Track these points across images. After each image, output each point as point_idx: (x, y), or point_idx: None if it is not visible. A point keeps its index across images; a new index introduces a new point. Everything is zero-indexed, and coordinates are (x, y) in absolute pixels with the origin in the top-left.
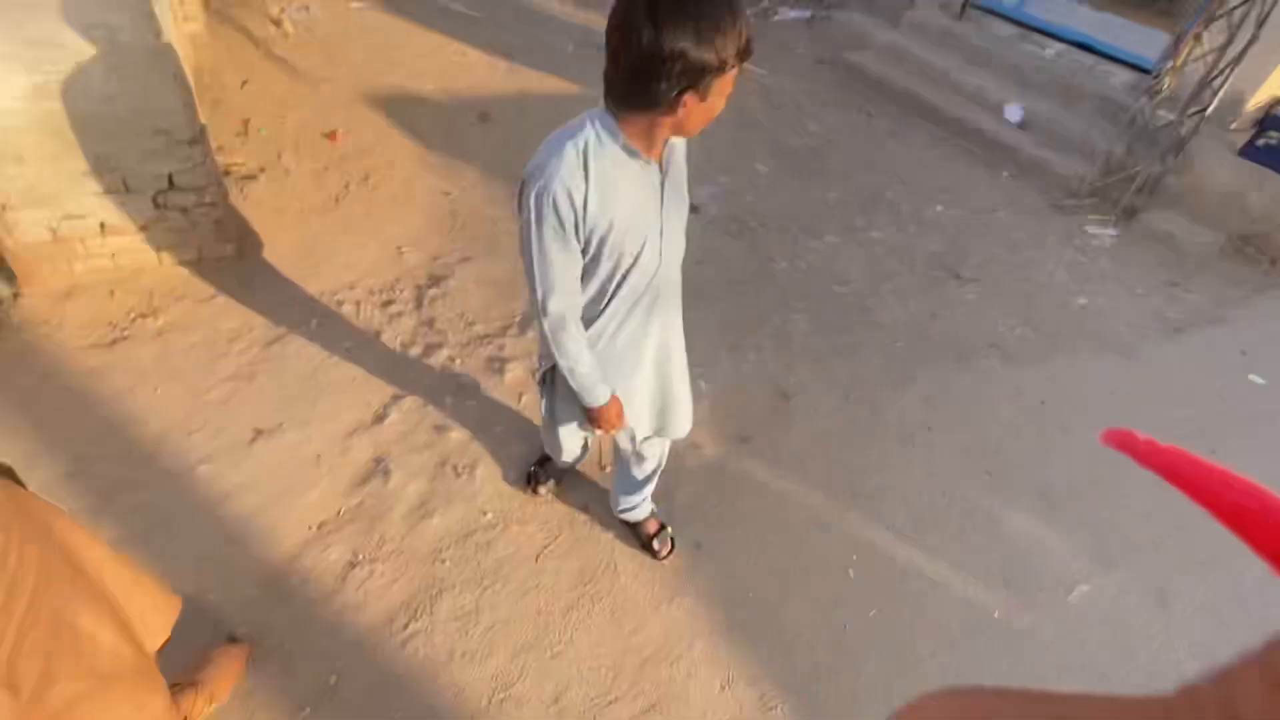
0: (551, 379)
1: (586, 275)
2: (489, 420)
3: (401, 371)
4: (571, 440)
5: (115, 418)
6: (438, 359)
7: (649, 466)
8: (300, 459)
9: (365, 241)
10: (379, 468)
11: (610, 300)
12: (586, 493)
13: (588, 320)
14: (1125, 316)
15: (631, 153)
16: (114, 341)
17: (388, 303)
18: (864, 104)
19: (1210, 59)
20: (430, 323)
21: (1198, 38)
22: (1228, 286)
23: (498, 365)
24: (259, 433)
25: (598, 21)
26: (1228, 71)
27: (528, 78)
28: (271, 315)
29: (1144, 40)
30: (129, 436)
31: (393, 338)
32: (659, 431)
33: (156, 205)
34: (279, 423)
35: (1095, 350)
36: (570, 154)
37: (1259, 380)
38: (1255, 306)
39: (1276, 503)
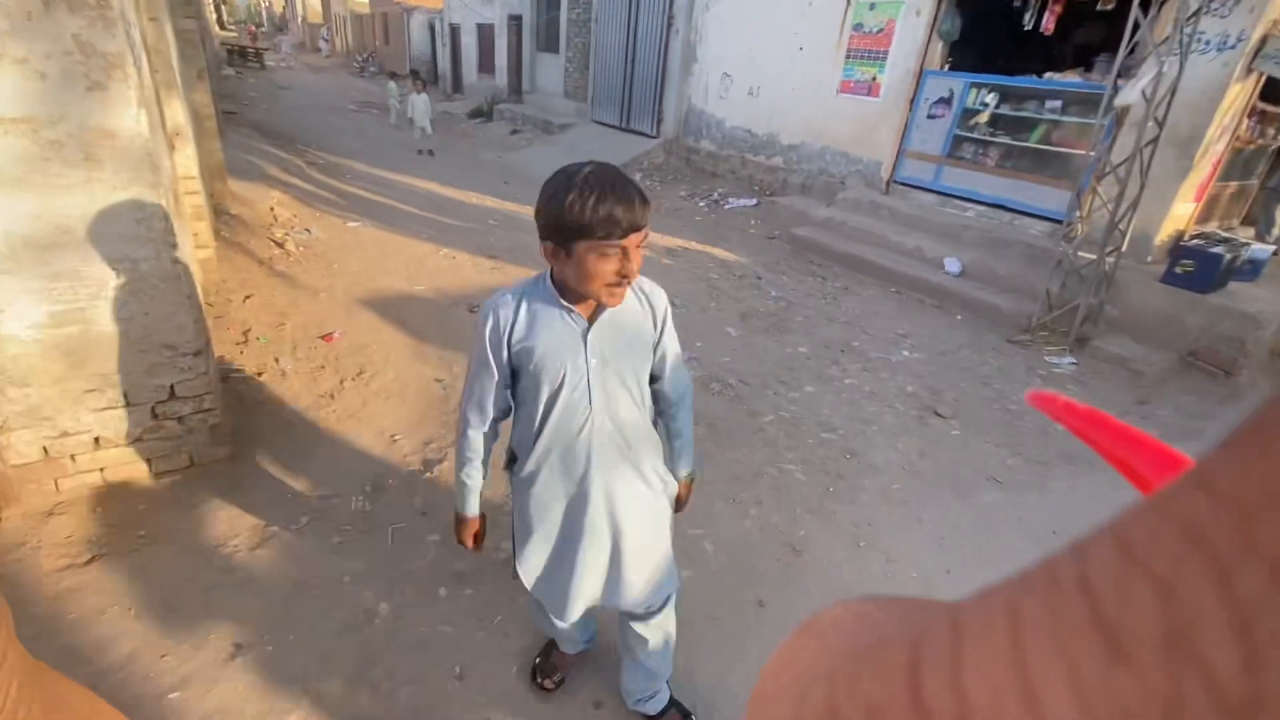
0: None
1: (520, 399)
2: (488, 609)
3: (394, 564)
4: (567, 627)
5: (82, 645)
6: (431, 547)
7: (654, 648)
8: (284, 675)
9: (359, 433)
10: (371, 673)
11: (540, 433)
12: (604, 682)
13: (520, 450)
14: None
15: (554, 299)
16: (91, 559)
17: (379, 493)
18: (815, 269)
19: (1111, 206)
20: (423, 510)
21: (1095, 191)
22: (1194, 400)
23: (493, 550)
24: (239, 648)
25: None
26: (1129, 215)
27: (512, 273)
28: (260, 516)
29: (1051, 197)
30: (95, 667)
31: (385, 529)
32: (606, 603)
33: (155, 416)
34: (262, 635)
35: (1087, 472)
36: (513, 290)
37: None
38: (1223, 416)
39: (1169, 453)
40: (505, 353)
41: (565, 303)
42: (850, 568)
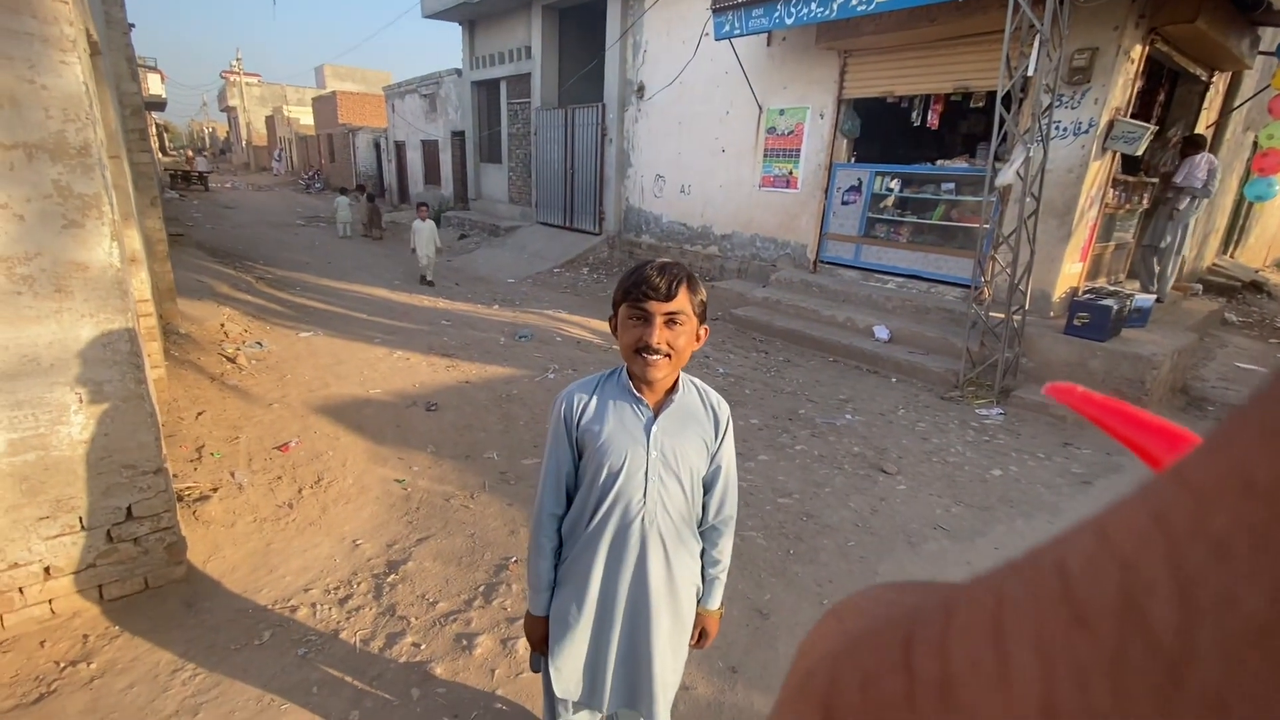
0: (546, 666)
1: (579, 486)
2: (463, 707)
3: (363, 669)
4: None
5: None
6: (401, 648)
7: None
8: None
9: (319, 541)
10: None
11: (594, 515)
12: None
13: (570, 535)
14: (1038, 479)
15: (625, 388)
16: (39, 698)
17: (345, 599)
18: (758, 344)
19: (1009, 271)
20: (391, 610)
21: (994, 258)
22: (1108, 439)
23: (465, 642)
24: None
25: (522, 318)
26: (1025, 277)
27: (468, 370)
28: (219, 635)
29: (957, 265)
30: None
31: (352, 634)
32: (631, 704)
33: (110, 539)
34: None
35: (1025, 514)
36: (590, 379)
37: None
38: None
39: (1180, 434)
40: (574, 433)
41: (635, 392)
42: None
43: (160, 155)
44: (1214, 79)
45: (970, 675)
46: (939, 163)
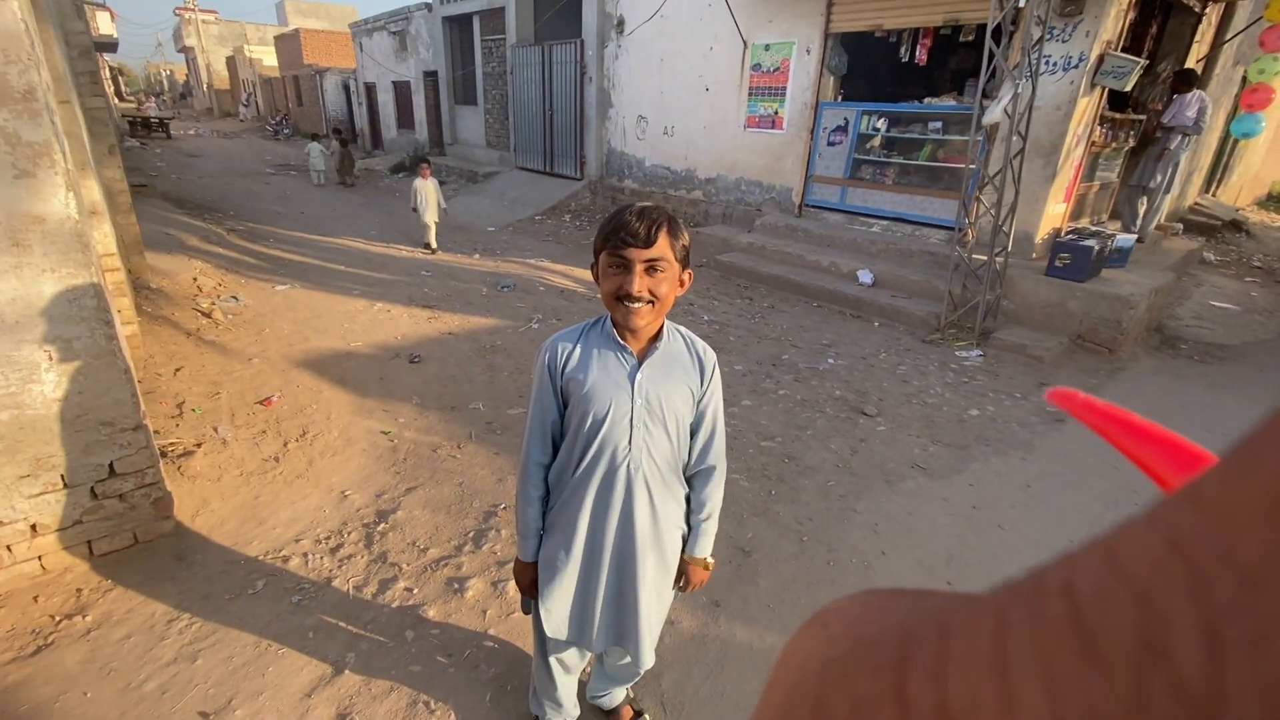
0: (536, 608)
1: (565, 433)
2: (456, 646)
3: (357, 615)
4: (566, 679)
5: None
6: (394, 593)
7: (625, 664)
8: None
9: (307, 493)
10: None
11: (580, 463)
12: None
13: (557, 483)
14: (1014, 418)
15: (610, 337)
16: (37, 650)
17: (336, 548)
18: (743, 291)
19: (994, 212)
20: (383, 557)
21: (978, 199)
22: (1085, 377)
23: (457, 585)
24: (205, 717)
25: (504, 268)
26: (1009, 218)
27: (450, 321)
28: (213, 586)
29: (942, 207)
30: None
31: (345, 582)
32: (619, 643)
33: (94, 496)
34: (227, 700)
35: (999, 452)
36: (574, 328)
37: None
38: (1114, 389)
39: (1190, 450)
40: (559, 382)
41: (619, 340)
42: (796, 562)
43: (117, 101)
44: (1207, 9)
45: (971, 710)
46: (926, 101)
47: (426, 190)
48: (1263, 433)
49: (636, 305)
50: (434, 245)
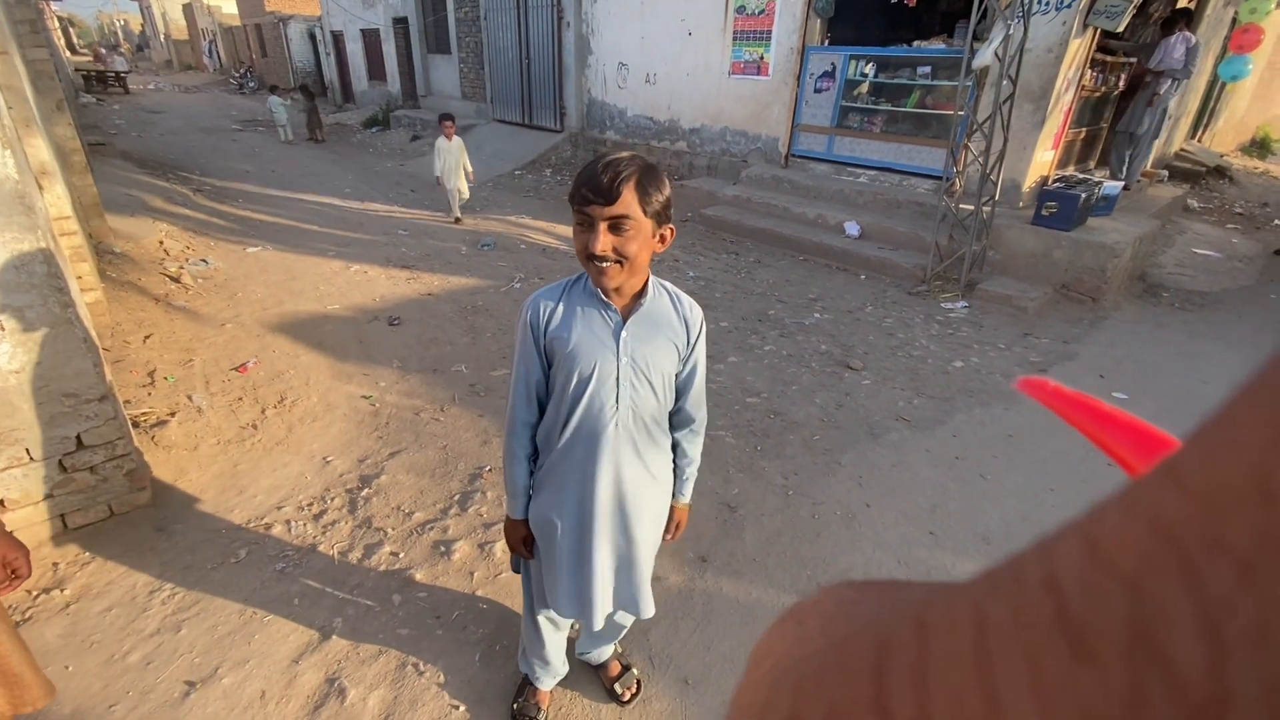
0: (526, 565)
1: (550, 392)
2: (444, 608)
3: (343, 580)
4: (555, 636)
5: None
6: (380, 558)
7: (613, 623)
8: (242, 703)
9: (288, 460)
10: (333, 688)
11: (566, 424)
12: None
13: (544, 444)
14: (998, 369)
15: (593, 293)
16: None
17: (319, 514)
18: (729, 246)
19: (982, 160)
20: (367, 523)
21: (967, 148)
22: (1069, 326)
23: (443, 549)
24: (191, 685)
25: (483, 226)
26: (997, 166)
27: (430, 282)
28: (195, 555)
29: (930, 156)
30: None
31: (329, 547)
32: (619, 606)
33: (63, 469)
34: (213, 669)
35: (983, 403)
36: (556, 285)
37: (1121, 396)
38: (1096, 338)
39: (1153, 434)
40: (542, 341)
41: (603, 297)
42: (781, 516)
43: (69, 54)
44: None
45: (954, 718)
46: (916, 44)
47: (451, 152)
48: (1239, 407)
49: (604, 265)
50: (459, 214)
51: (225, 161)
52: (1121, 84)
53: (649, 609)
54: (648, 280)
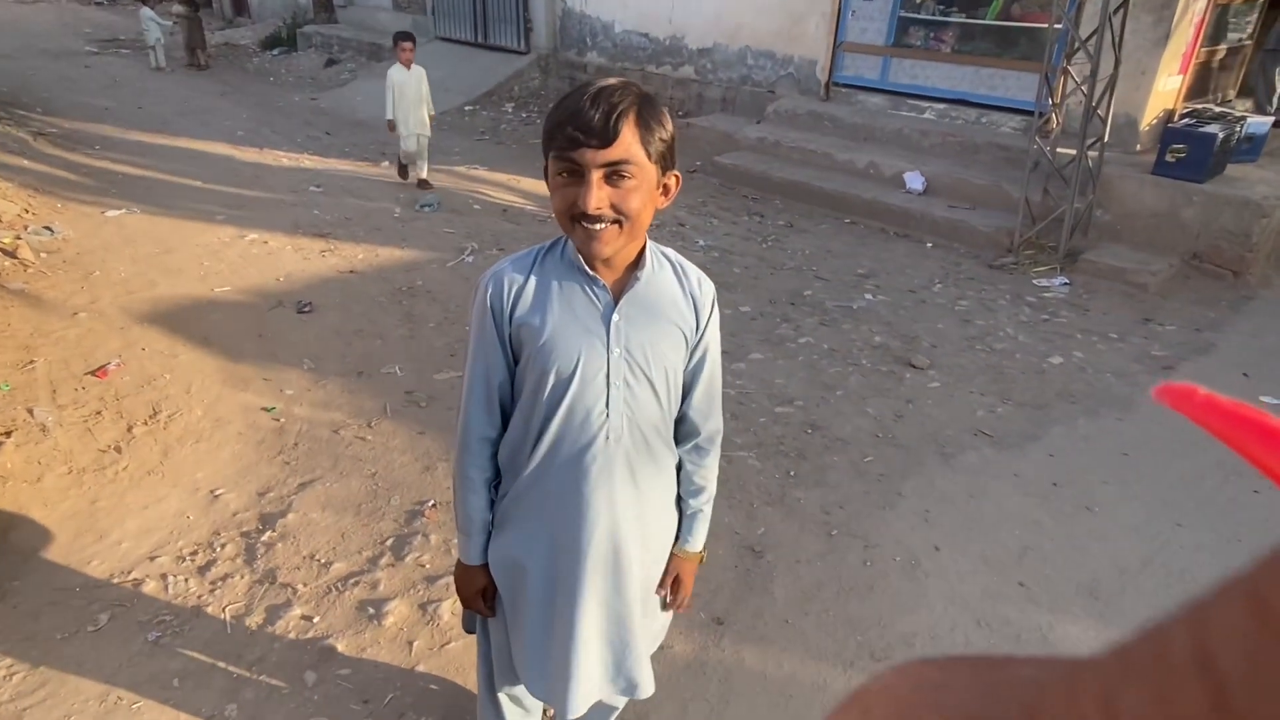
0: (484, 624)
1: (518, 399)
2: (374, 689)
3: (239, 653)
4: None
5: None
6: (288, 623)
7: (607, 706)
8: None
9: (164, 494)
10: None
11: (539, 440)
12: None
13: (509, 466)
14: (1108, 366)
15: (572, 266)
16: None
17: (206, 565)
18: (751, 204)
19: (1086, 88)
20: (270, 576)
21: (1066, 72)
22: (1202, 309)
23: (372, 610)
24: None
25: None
26: (1106, 97)
27: (352, 254)
28: (39, 623)
29: (1018, 83)
30: None
31: (220, 610)
32: (613, 686)
33: None
34: None
35: (1089, 411)
36: (524, 254)
37: (1271, 401)
38: (1237, 324)
39: None
40: (506, 329)
41: (587, 269)
42: (823, 563)
43: None
44: None
45: None
46: None
47: (409, 84)
48: None
49: (598, 227)
50: (424, 174)
51: (77, 96)
52: None
53: (648, 687)
54: (644, 247)
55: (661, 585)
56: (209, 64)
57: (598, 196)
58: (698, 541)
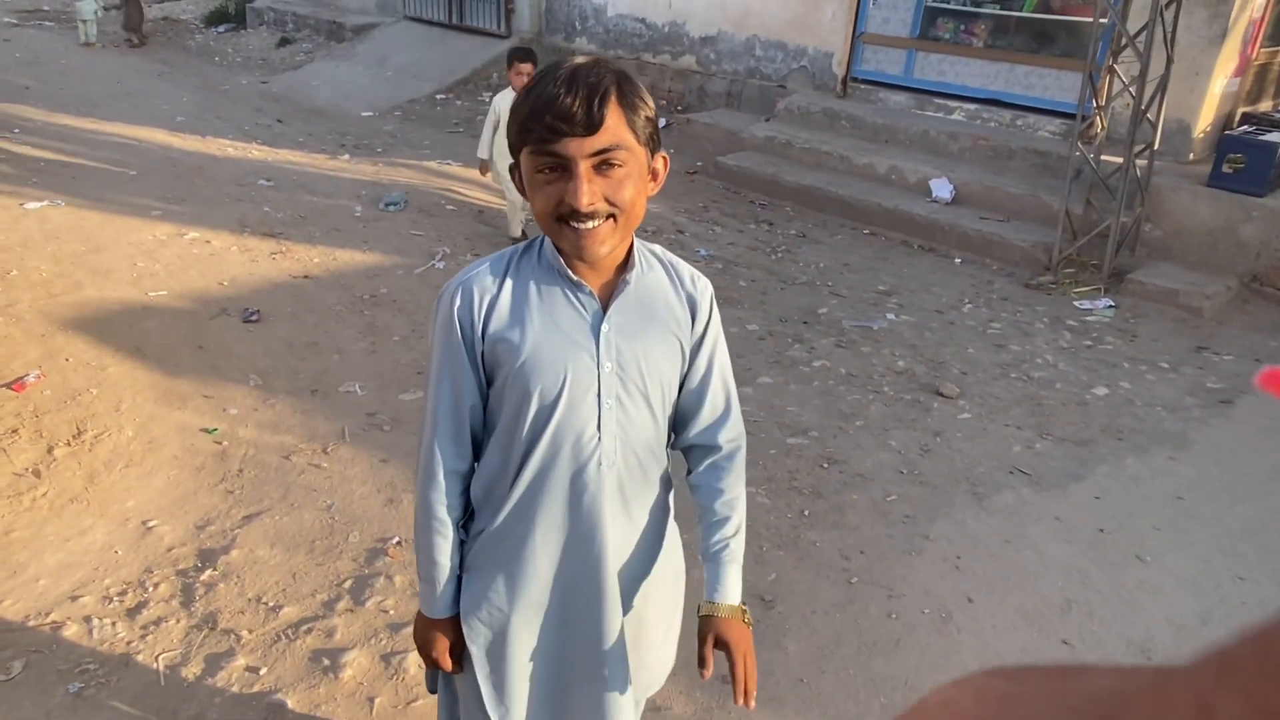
0: (446, 678)
1: (493, 426)
2: None
3: (173, 709)
4: None
5: None
6: (231, 674)
7: None
8: None
9: (89, 525)
10: None
11: (520, 471)
12: None
13: (484, 501)
14: (1159, 399)
15: (553, 271)
16: None
17: (137, 608)
18: (758, 211)
19: (1134, 90)
20: (210, 621)
21: (1112, 71)
22: (1262, 337)
23: (327, 661)
24: None
25: (389, 175)
26: (1157, 100)
27: (306, 258)
28: None
29: (1058, 83)
30: None
31: (151, 658)
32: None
33: None
34: None
35: (1138, 449)
36: (497, 257)
37: None
38: None
39: None
40: (478, 345)
41: (569, 273)
42: (841, 615)
43: None
44: None
45: None
46: None
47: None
48: None
49: (590, 225)
50: (523, 229)
51: None
52: None
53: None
54: (632, 246)
55: (701, 658)
56: (146, 40)
57: (590, 190)
58: (733, 590)
